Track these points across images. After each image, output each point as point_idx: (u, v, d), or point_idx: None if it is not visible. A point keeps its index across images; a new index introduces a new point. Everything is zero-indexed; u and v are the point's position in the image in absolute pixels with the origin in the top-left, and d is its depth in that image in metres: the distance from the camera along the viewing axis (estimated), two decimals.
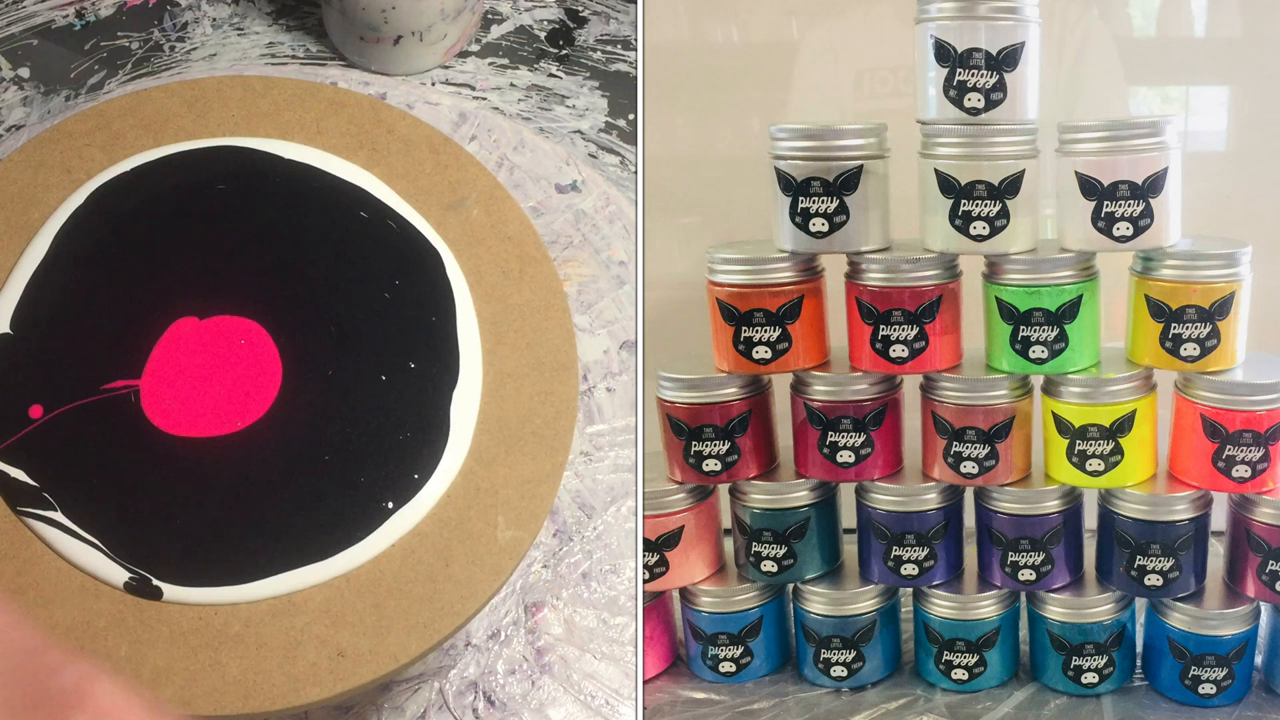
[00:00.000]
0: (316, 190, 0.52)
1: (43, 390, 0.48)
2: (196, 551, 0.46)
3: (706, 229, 0.71)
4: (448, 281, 0.51)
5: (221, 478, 0.47)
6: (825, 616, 0.60)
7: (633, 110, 0.67)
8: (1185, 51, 0.73)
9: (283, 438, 0.47)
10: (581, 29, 0.70)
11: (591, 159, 0.66)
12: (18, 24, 0.68)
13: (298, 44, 0.68)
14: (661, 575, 0.60)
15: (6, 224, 0.51)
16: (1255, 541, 0.57)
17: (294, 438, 0.47)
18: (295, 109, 0.54)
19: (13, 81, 0.67)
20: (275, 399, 0.48)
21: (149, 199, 0.52)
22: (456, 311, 0.50)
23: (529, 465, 0.48)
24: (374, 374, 0.48)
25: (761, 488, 0.60)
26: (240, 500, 0.46)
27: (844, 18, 0.72)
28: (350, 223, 0.52)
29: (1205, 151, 0.73)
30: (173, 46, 0.68)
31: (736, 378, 0.59)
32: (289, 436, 0.47)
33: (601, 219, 0.63)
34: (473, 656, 0.55)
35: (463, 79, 0.68)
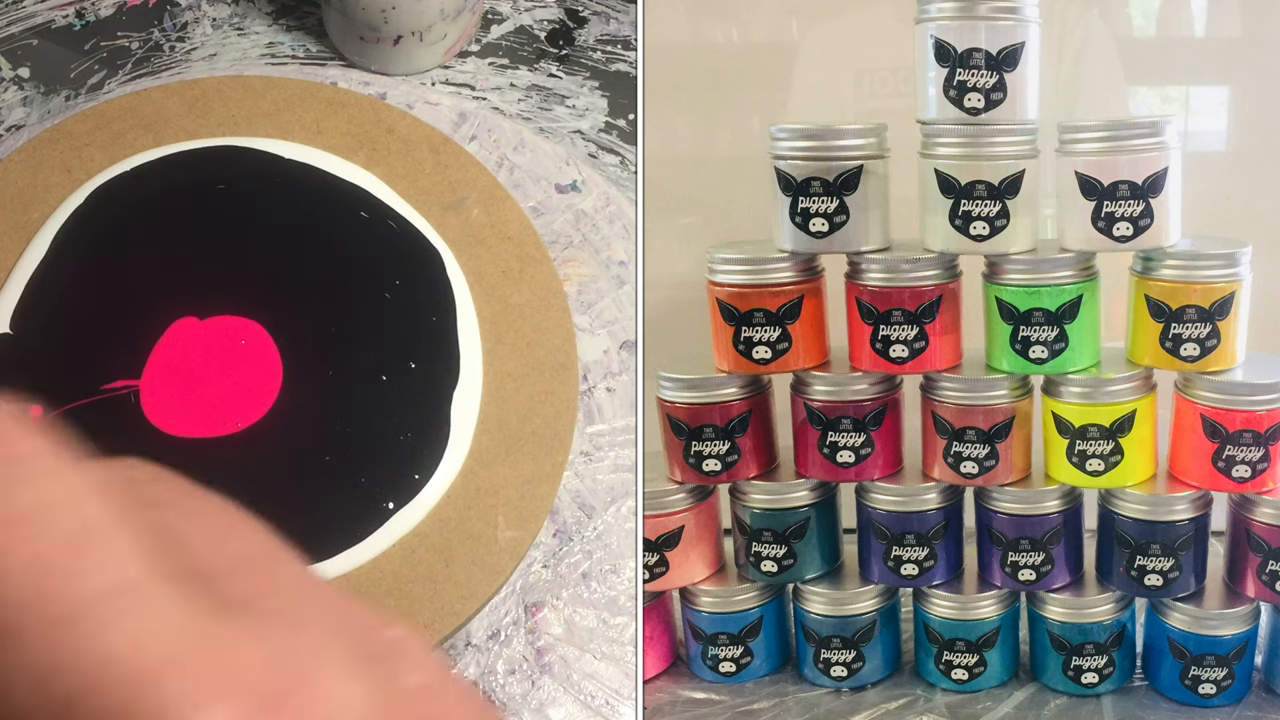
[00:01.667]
0: (316, 190, 0.52)
1: (42, 390, 0.48)
2: None
3: (706, 229, 0.71)
4: (448, 281, 0.51)
5: (221, 478, 0.47)
6: (825, 616, 0.60)
7: (633, 110, 0.67)
8: (1185, 51, 0.73)
9: (283, 438, 0.47)
10: (581, 29, 0.70)
11: (592, 159, 0.66)
12: (17, 24, 0.68)
13: (298, 44, 0.68)
14: (661, 575, 0.60)
15: (6, 224, 0.51)
16: (1255, 541, 0.57)
17: (294, 438, 0.47)
18: (295, 109, 0.54)
19: (12, 81, 0.67)
20: (275, 399, 0.48)
21: (149, 199, 0.52)
22: (457, 311, 0.50)
23: (529, 465, 0.48)
24: (374, 374, 0.48)
25: (761, 488, 0.60)
26: (240, 501, 0.46)
27: (844, 18, 0.72)
28: (350, 223, 0.52)
29: (1205, 151, 0.73)
30: (173, 46, 0.68)
31: (736, 378, 0.59)
32: (289, 437, 0.47)
33: (602, 219, 0.63)
34: (473, 656, 0.55)
35: (463, 79, 0.68)
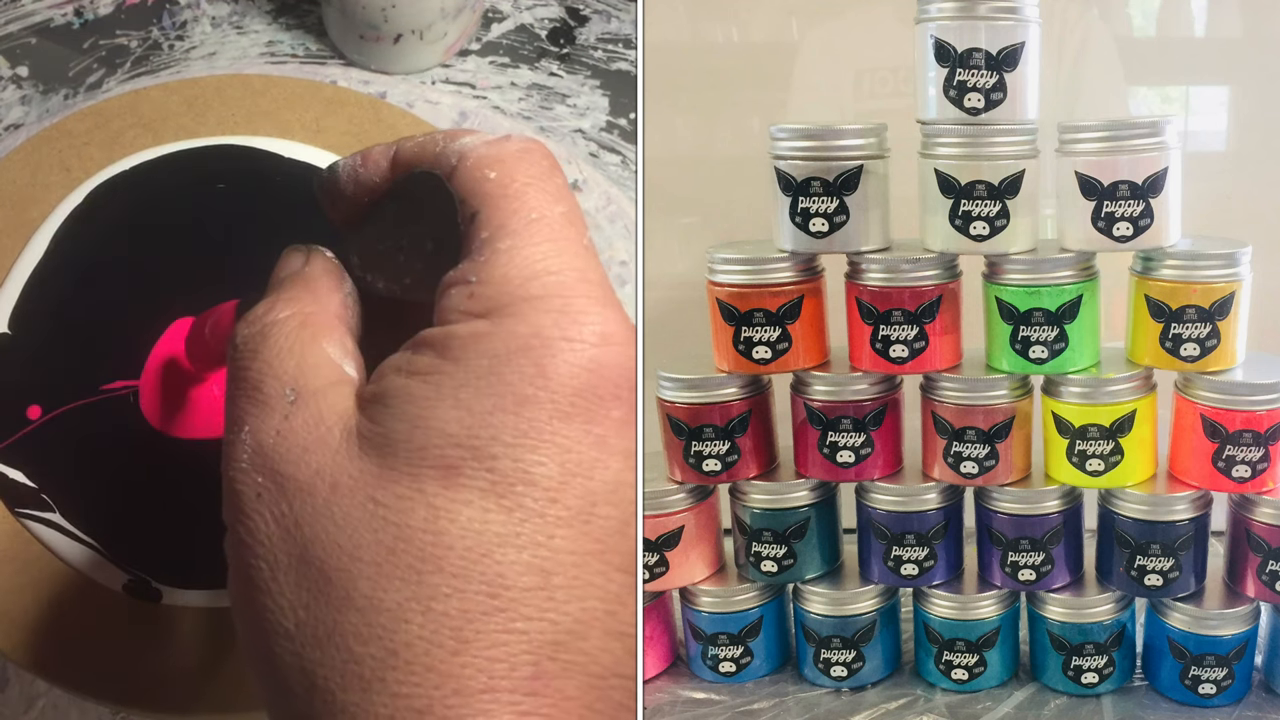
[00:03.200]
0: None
1: (41, 390, 0.48)
2: (196, 553, 0.46)
3: (706, 229, 0.71)
4: None
5: (221, 479, 0.47)
6: (825, 616, 0.60)
7: (634, 110, 0.67)
8: (1185, 51, 0.73)
9: None
10: (582, 28, 0.70)
11: (592, 158, 0.66)
12: (16, 22, 0.68)
13: (297, 42, 0.68)
14: (661, 575, 0.60)
15: (5, 223, 0.51)
16: (1255, 541, 0.57)
17: None
18: (295, 108, 0.54)
19: (11, 80, 0.66)
20: None
21: (148, 198, 0.52)
22: None
23: None
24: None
25: (761, 488, 0.60)
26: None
27: (844, 18, 0.72)
28: None
29: (1205, 151, 0.73)
30: (172, 45, 0.68)
31: (736, 378, 0.59)
32: None
33: (603, 218, 0.63)
34: None
35: (463, 78, 0.68)
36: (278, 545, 0.29)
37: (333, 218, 0.35)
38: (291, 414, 0.30)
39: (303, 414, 0.30)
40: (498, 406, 0.29)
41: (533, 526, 0.28)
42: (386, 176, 0.34)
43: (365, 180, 0.34)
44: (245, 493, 0.30)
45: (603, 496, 0.29)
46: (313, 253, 0.34)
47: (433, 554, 0.28)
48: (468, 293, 0.30)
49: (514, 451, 0.29)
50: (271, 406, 0.30)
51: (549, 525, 0.28)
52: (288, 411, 0.30)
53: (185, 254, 0.51)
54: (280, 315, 0.32)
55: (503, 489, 0.28)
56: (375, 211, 0.34)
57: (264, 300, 0.33)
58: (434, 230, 0.32)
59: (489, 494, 0.28)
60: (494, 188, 0.31)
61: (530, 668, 0.27)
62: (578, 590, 0.28)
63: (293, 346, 0.31)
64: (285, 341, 0.31)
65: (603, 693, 0.28)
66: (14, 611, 0.45)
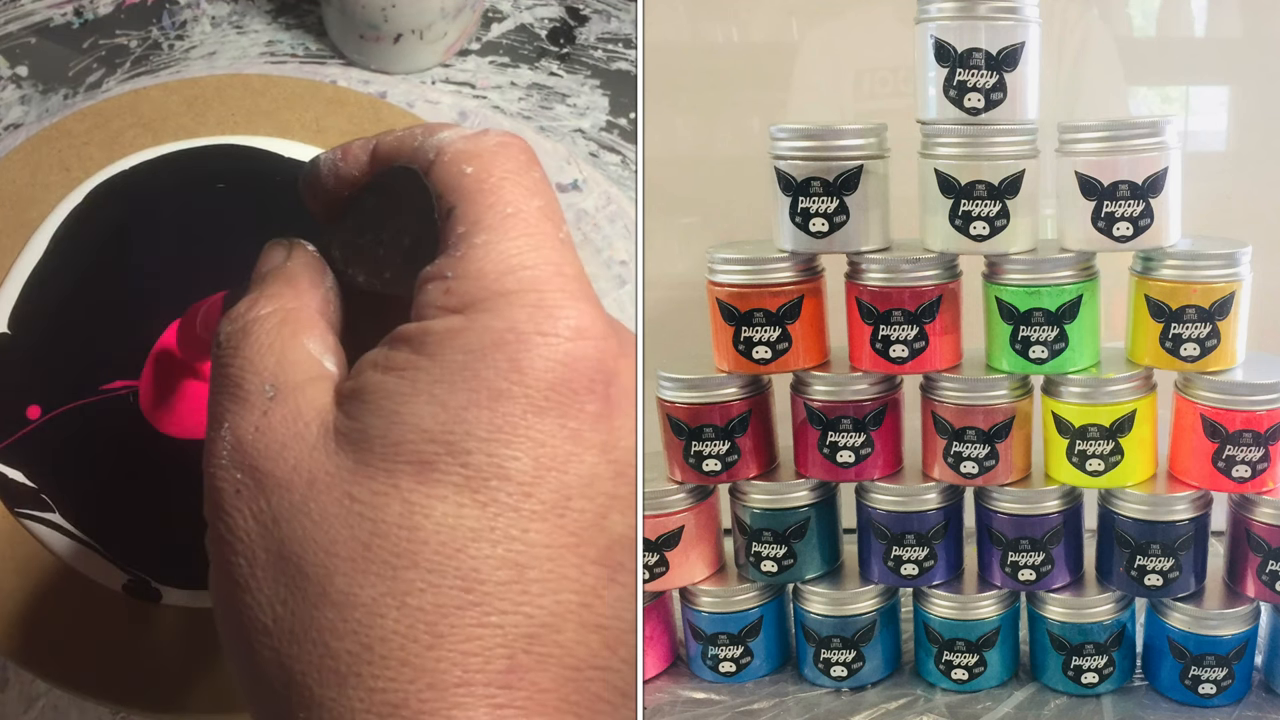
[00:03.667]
0: None
1: (41, 390, 0.48)
2: (195, 553, 0.46)
3: (706, 229, 0.71)
4: None
5: None
6: (825, 616, 0.60)
7: (634, 109, 0.67)
8: (1185, 51, 0.73)
9: None
10: (583, 27, 0.70)
11: (593, 158, 0.66)
12: (15, 22, 0.68)
13: (297, 42, 0.68)
14: (661, 575, 0.60)
15: (5, 223, 0.51)
16: (1255, 541, 0.57)
17: None
18: (295, 107, 0.54)
19: (11, 80, 0.66)
20: None
21: (148, 198, 0.52)
22: None
23: None
24: None
25: (761, 488, 0.60)
26: None
27: (844, 18, 0.72)
28: None
29: (1205, 151, 0.73)
30: (171, 45, 0.68)
31: (736, 378, 0.59)
32: None
33: (603, 218, 0.63)
34: None
35: (463, 77, 0.68)
36: (256, 541, 0.29)
37: (314, 211, 0.35)
38: (270, 410, 0.30)
39: (281, 410, 0.30)
40: (472, 402, 0.29)
41: (507, 521, 0.28)
42: (366, 170, 0.34)
43: (345, 174, 0.34)
44: (225, 489, 0.30)
45: (577, 490, 0.29)
46: (295, 246, 0.35)
47: (407, 549, 0.28)
48: (444, 288, 0.30)
49: (488, 446, 0.29)
50: (251, 403, 0.30)
51: (523, 519, 0.29)
52: (266, 408, 0.30)
53: (185, 254, 0.51)
54: (262, 312, 0.32)
55: (477, 484, 0.28)
56: (355, 205, 0.34)
57: (246, 296, 0.33)
58: (412, 225, 0.32)
59: (463, 489, 0.28)
60: (470, 182, 0.31)
61: (505, 661, 0.28)
62: (552, 584, 0.29)
63: (273, 343, 0.31)
64: (266, 338, 0.32)
65: (579, 685, 0.29)
66: (14, 611, 0.45)
